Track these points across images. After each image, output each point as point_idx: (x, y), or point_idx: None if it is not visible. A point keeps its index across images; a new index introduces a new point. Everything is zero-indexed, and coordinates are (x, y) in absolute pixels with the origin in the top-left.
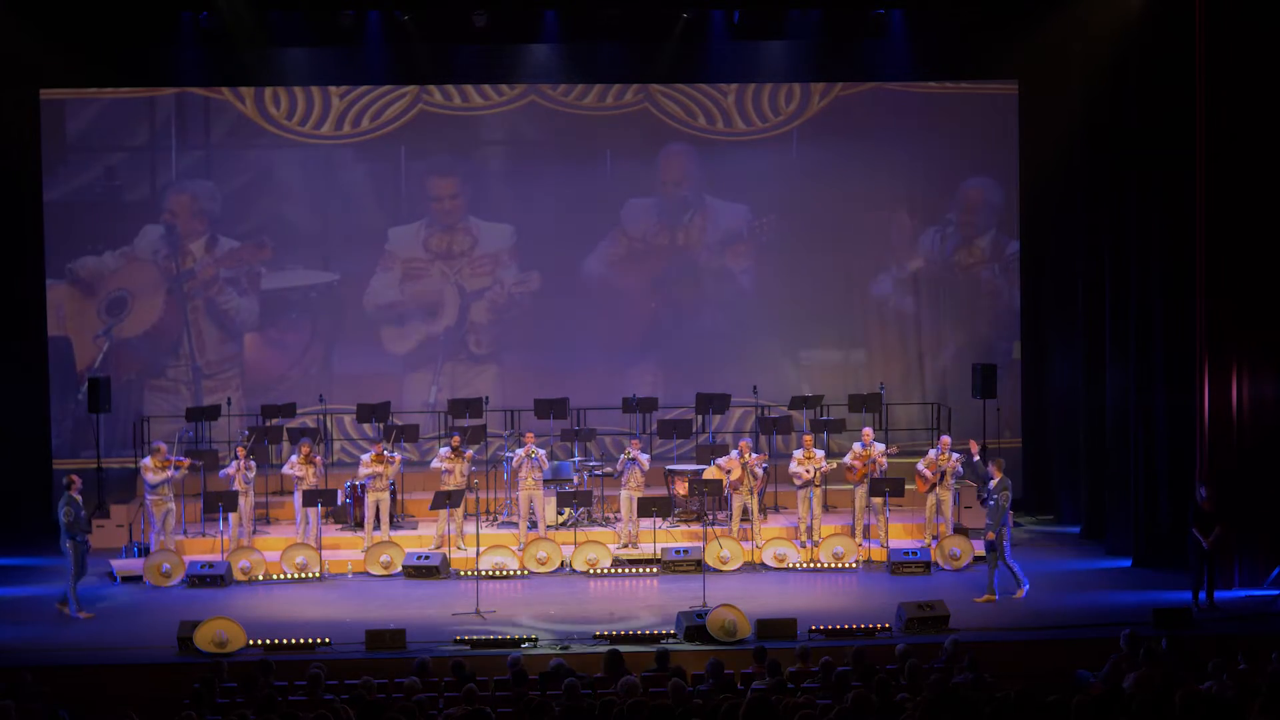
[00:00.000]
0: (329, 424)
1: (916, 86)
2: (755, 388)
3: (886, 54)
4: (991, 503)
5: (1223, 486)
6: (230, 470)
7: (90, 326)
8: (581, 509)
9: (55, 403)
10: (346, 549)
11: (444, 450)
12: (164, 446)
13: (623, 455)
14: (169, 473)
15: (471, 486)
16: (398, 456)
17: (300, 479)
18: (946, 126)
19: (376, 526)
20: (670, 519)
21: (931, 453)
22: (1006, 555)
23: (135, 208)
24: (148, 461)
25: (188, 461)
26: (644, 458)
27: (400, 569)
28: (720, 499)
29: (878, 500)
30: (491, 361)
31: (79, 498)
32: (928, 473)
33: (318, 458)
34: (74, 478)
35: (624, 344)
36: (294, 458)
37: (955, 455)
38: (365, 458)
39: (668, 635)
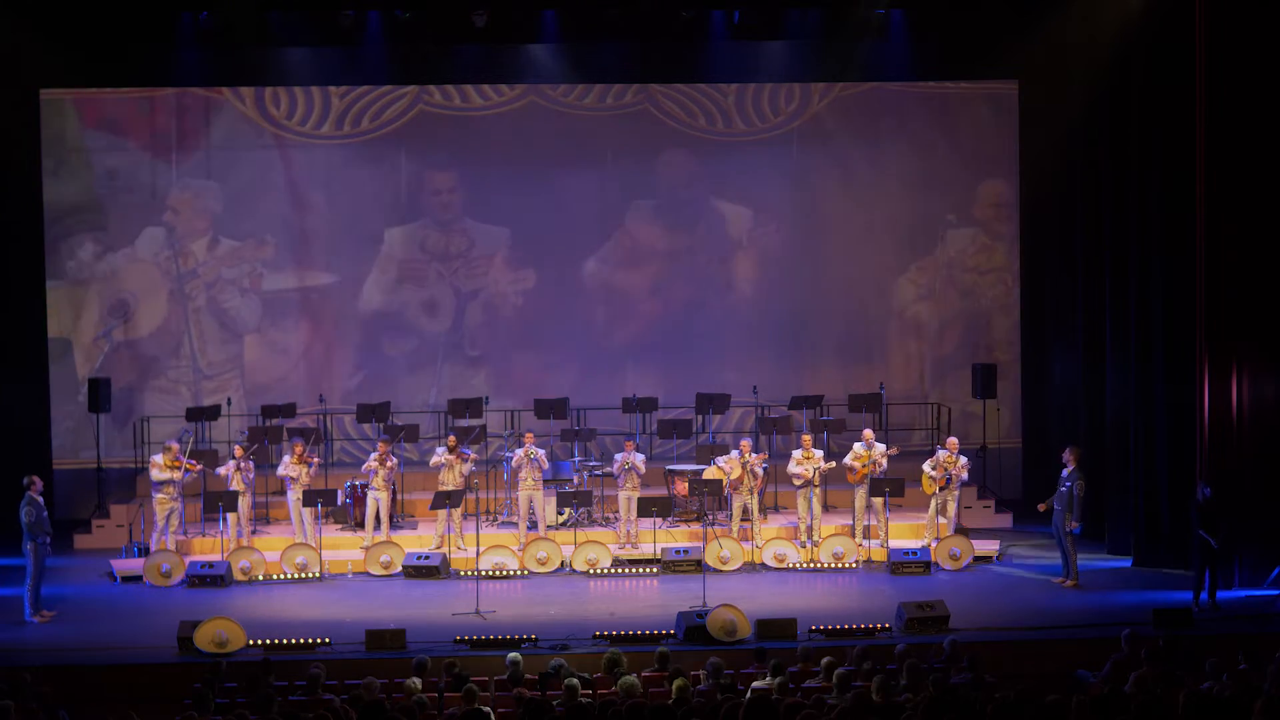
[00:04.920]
0: (329, 424)
1: (916, 86)
2: (755, 388)
3: (886, 54)
4: (1064, 489)
5: (1223, 486)
6: (226, 469)
7: (91, 327)
8: (581, 509)
9: (55, 403)
10: (346, 549)
11: (440, 450)
12: (175, 446)
13: (620, 458)
14: (179, 473)
15: (471, 486)
16: (393, 460)
17: (294, 479)
18: (946, 126)
19: (377, 527)
20: (670, 519)
21: (940, 452)
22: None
23: (136, 208)
24: (157, 459)
25: (199, 465)
26: (638, 458)
27: (400, 569)
28: (720, 499)
29: (878, 500)
30: (491, 361)
31: (40, 499)
32: (935, 473)
33: (313, 457)
34: (34, 478)
35: (624, 344)
36: (286, 458)
37: (963, 460)
38: (371, 457)
39: (668, 635)
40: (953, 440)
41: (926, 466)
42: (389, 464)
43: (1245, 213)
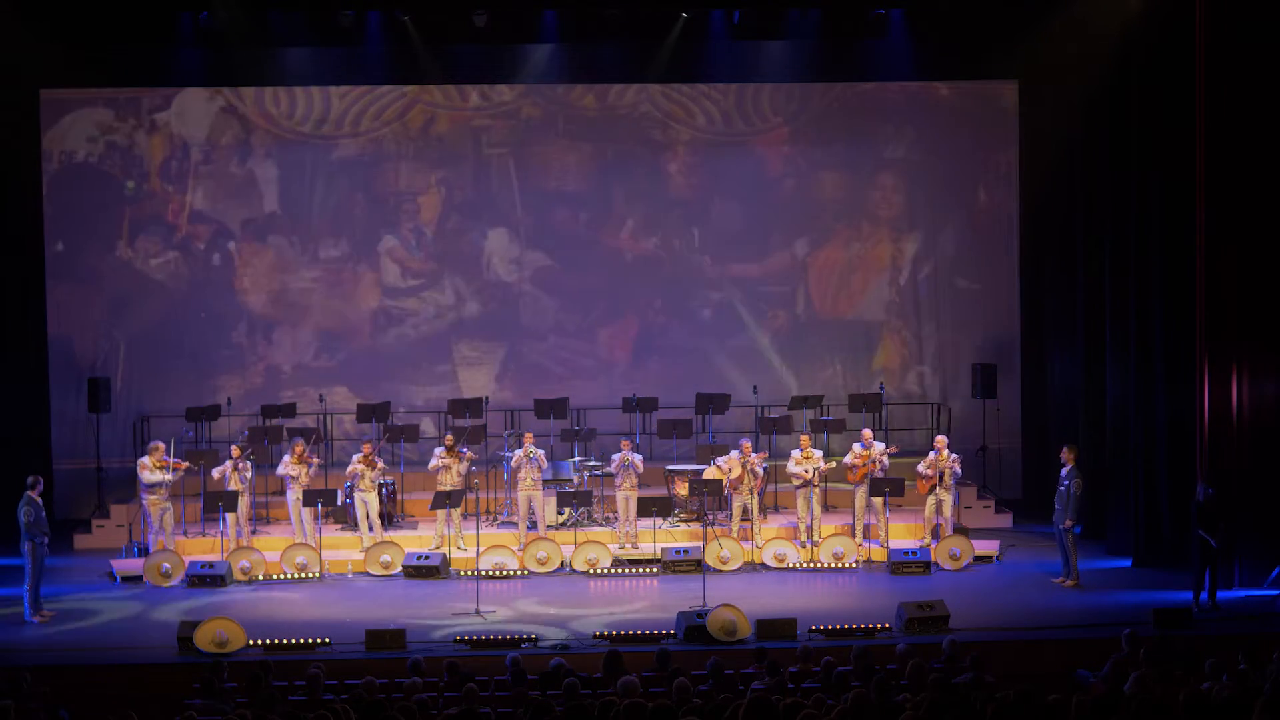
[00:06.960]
0: (329, 424)
1: (916, 86)
2: (755, 388)
3: (886, 54)
4: (1062, 489)
5: (1223, 486)
6: (223, 468)
7: (91, 326)
8: (581, 509)
9: (55, 403)
10: (346, 549)
11: (439, 450)
12: (161, 446)
13: (617, 457)
14: (166, 474)
15: (471, 486)
16: (380, 461)
17: (294, 478)
18: (946, 126)
19: (371, 528)
20: (670, 519)
21: (932, 454)
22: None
23: (136, 208)
24: (145, 460)
25: (185, 464)
26: (636, 457)
27: (400, 569)
28: (720, 499)
29: (878, 500)
30: (492, 361)
31: (39, 499)
32: (928, 473)
33: (312, 457)
34: (36, 478)
35: (624, 344)
36: (286, 457)
37: (954, 456)
38: (355, 457)
39: (668, 635)
40: (940, 438)
41: (921, 467)
42: (375, 465)
43: (1245, 213)
